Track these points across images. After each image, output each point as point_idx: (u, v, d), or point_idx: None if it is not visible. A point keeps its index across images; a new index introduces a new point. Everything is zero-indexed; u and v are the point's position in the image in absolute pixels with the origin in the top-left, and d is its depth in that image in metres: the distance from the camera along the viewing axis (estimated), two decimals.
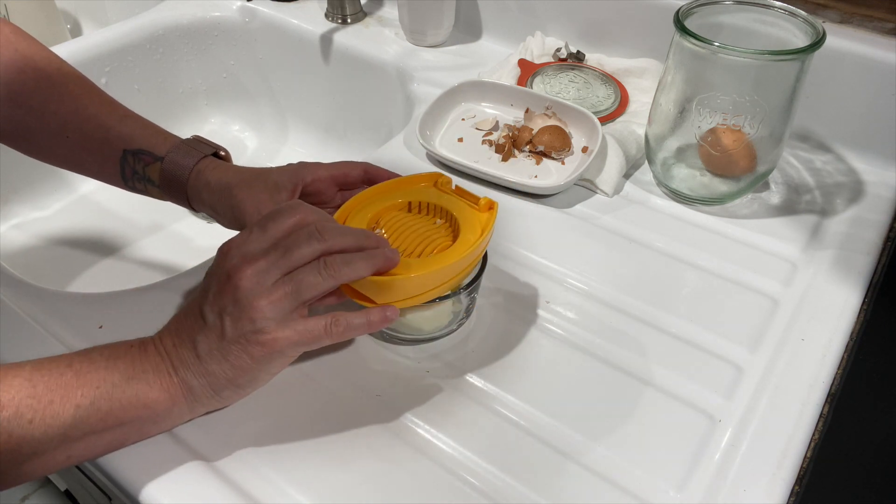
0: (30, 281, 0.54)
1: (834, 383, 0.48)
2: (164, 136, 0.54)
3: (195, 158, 0.52)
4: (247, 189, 0.51)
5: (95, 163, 0.54)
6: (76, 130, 0.52)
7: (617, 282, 0.55)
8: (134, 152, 0.53)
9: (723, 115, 0.57)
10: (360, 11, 0.92)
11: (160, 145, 0.53)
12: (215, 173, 0.52)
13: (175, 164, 0.52)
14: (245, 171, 0.52)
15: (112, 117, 0.53)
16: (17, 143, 0.55)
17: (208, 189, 0.52)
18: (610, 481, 0.42)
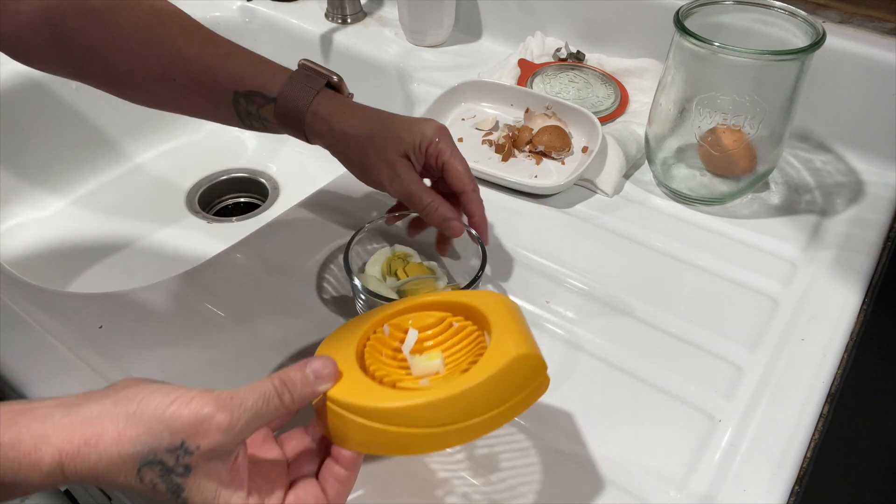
0: (30, 281, 0.54)
1: (834, 383, 0.48)
2: (273, 72, 0.50)
3: (309, 96, 0.50)
4: (374, 147, 0.49)
5: (208, 105, 0.52)
6: (182, 73, 0.49)
7: (617, 282, 0.55)
8: (245, 94, 0.50)
9: (723, 115, 0.57)
10: (360, 11, 0.92)
11: (270, 83, 0.50)
12: (335, 118, 0.50)
13: (289, 105, 0.50)
14: (369, 121, 0.50)
15: (216, 56, 0.50)
16: (122, 90, 0.52)
17: (331, 135, 0.50)
18: (610, 481, 0.42)
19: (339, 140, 0.50)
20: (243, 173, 0.93)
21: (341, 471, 0.36)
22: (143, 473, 0.33)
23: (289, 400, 0.35)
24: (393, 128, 0.49)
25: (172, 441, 0.33)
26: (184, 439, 0.33)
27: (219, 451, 0.33)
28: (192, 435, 0.33)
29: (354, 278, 0.46)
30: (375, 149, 0.49)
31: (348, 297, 0.53)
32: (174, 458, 0.33)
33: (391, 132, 0.49)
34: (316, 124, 0.50)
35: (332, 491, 0.36)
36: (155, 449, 0.33)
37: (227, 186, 0.92)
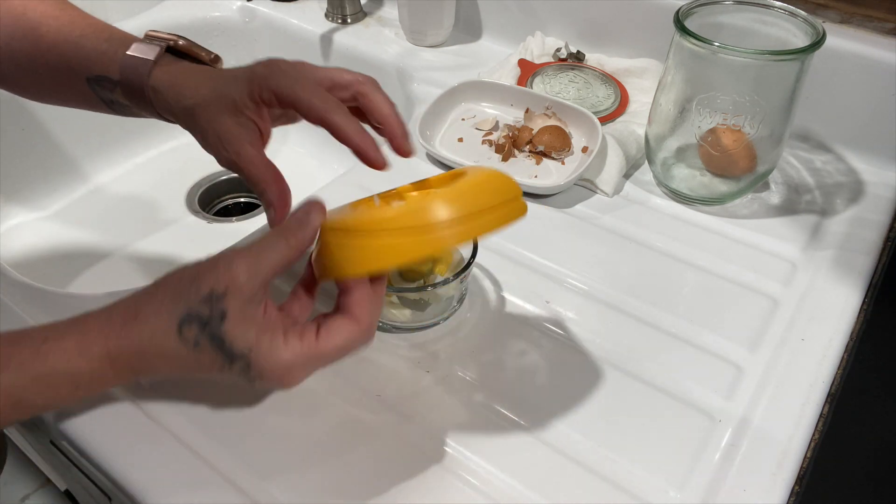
0: (30, 281, 0.54)
1: (834, 383, 0.48)
2: (115, 49, 0.45)
3: (146, 69, 0.44)
4: (205, 114, 0.43)
5: (74, 95, 0.48)
6: (43, 64, 0.47)
7: (617, 282, 0.55)
8: (96, 80, 0.46)
9: (723, 115, 0.57)
10: (360, 11, 0.92)
11: (112, 63, 0.45)
12: (173, 90, 0.44)
13: (131, 84, 0.45)
14: (200, 87, 0.43)
15: (69, 42, 0.46)
16: (6, 86, 0.51)
17: (172, 112, 0.45)
18: (610, 481, 0.42)
19: (180, 115, 0.45)
20: None
21: (356, 295, 0.38)
22: (185, 333, 0.35)
23: (293, 241, 0.37)
24: (220, 85, 0.43)
25: (200, 291, 0.35)
26: (211, 286, 0.35)
27: (246, 291, 0.35)
28: (217, 282, 0.36)
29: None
30: (201, 119, 0.43)
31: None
32: (208, 307, 0.35)
33: (218, 90, 0.42)
34: (159, 101, 0.45)
35: (359, 312, 0.37)
36: (188, 303, 0.35)
37: (227, 186, 0.92)
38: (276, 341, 0.36)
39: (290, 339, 0.36)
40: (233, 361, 0.36)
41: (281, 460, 0.42)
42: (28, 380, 0.35)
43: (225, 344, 0.35)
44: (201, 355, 0.36)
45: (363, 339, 0.38)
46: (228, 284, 0.35)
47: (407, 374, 0.47)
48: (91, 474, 0.45)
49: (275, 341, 0.36)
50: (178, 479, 0.41)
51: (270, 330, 0.36)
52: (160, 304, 0.36)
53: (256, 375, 0.36)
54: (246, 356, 0.35)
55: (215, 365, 0.36)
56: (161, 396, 0.45)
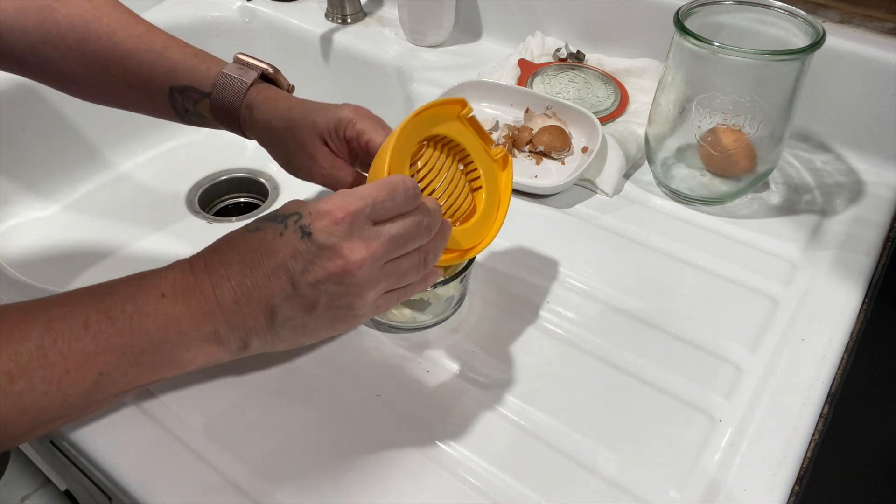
0: (30, 281, 0.54)
1: (834, 383, 0.48)
2: (208, 66, 0.50)
3: (242, 90, 0.49)
4: (296, 135, 0.48)
5: (146, 100, 0.51)
6: (119, 69, 0.49)
7: (617, 282, 0.55)
8: (180, 89, 0.50)
9: (723, 115, 0.57)
10: (360, 11, 0.92)
11: (204, 78, 0.50)
12: (262, 110, 0.50)
13: (223, 100, 0.49)
14: (289, 111, 0.49)
15: (152, 51, 0.49)
16: (64, 86, 0.52)
17: (258, 128, 0.50)
18: (610, 481, 0.42)
19: (263, 132, 0.50)
20: (243, 173, 0.93)
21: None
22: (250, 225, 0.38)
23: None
24: (309, 115, 0.48)
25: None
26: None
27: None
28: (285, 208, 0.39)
29: None
30: (293, 138, 0.48)
31: None
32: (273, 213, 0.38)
33: (307, 119, 0.48)
34: (248, 118, 0.50)
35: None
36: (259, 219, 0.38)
37: (227, 186, 0.92)
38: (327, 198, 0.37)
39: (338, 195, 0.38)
40: (286, 220, 0.36)
41: (281, 460, 0.42)
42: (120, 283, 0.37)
43: (280, 213, 0.37)
44: (263, 231, 0.37)
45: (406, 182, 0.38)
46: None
47: (407, 374, 0.47)
48: (91, 474, 0.45)
49: (325, 199, 0.37)
50: (178, 479, 0.41)
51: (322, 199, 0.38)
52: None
53: (309, 219, 0.36)
54: (298, 211, 0.37)
55: (275, 232, 0.36)
56: (161, 396, 0.45)
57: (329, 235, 0.35)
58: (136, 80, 0.50)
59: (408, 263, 0.39)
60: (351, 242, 0.36)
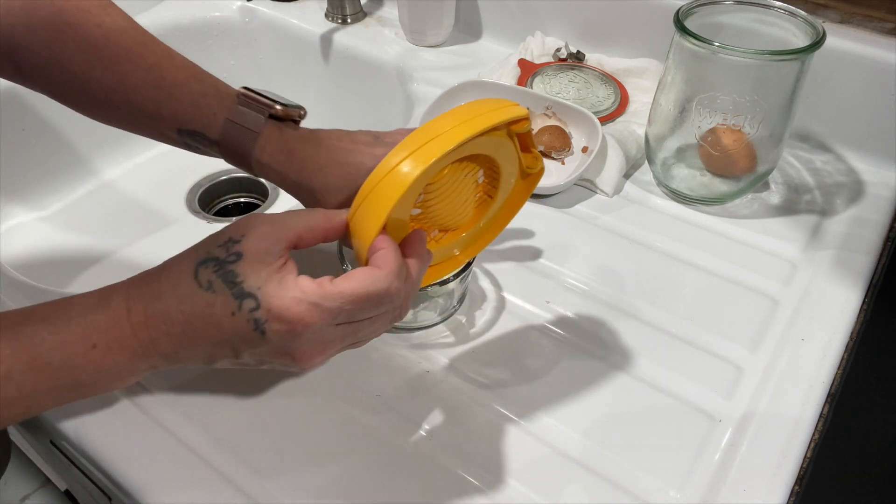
0: (30, 281, 0.54)
1: (834, 383, 0.48)
2: (214, 111, 0.46)
3: (252, 142, 0.46)
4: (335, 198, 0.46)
5: (155, 135, 0.49)
6: (124, 103, 0.47)
7: (617, 282, 0.55)
8: (189, 133, 0.47)
9: (723, 115, 0.57)
10: (360, 11, 0.92)
11: (212, 124, 0.46)
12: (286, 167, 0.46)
13: (233, 151, 0.47)
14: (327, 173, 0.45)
15: (160, 90, 0.46)
16: (70, 104, 0.50)
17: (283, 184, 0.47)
18: (610, 481, 0.42)
19: (295, 189, 0.47)
20: (243, 173, 0.93)
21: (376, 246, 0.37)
22: (200, 275, 0.35)
23: (333, 215, 0.38)
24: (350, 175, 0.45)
25: (220, 237, 0.37)
26: (230, 234, 0.36)
27: (264, 239, 0.36)
28: (237, 229, 0.36)
29: (346, 264, 0.47)
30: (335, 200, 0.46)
31: None
32: (224, 250, 0.36)
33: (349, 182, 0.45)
34: (263, 173, 0.47)
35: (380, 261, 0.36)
36: (208, 248, 0.36)
37: (227, 186, 0.92)
38: (287, 280, 0.35)
39: (302, 280, 0.35)
40: (242, 301, 0.34)
41: (281, 460, 0.42)
42: (46, 331, 0.35)
43: (236, 282, 0.35)
44: (214, 297, 0.35)
45: (386, 286, 0.35)
46: (246, 231, 0.36)
47: (407, 374, 0.47)
48: (91, 474, 0.45)
49: (286, 280, 0.35)
50: (178, 479, 0.41)
51: (284, 273, 0.35)
52: (182, 255, 0.37)
53: (265, 318, 0.34)
54: (255, 294, 0.34)
55: (227, 309, 0.34)
56: (161, 396, 0.45)
57: (283, 341, 0.35)
58: (143, 116, 0.48)
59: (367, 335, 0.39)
60: (304, 347, 0.35)
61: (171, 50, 0.48)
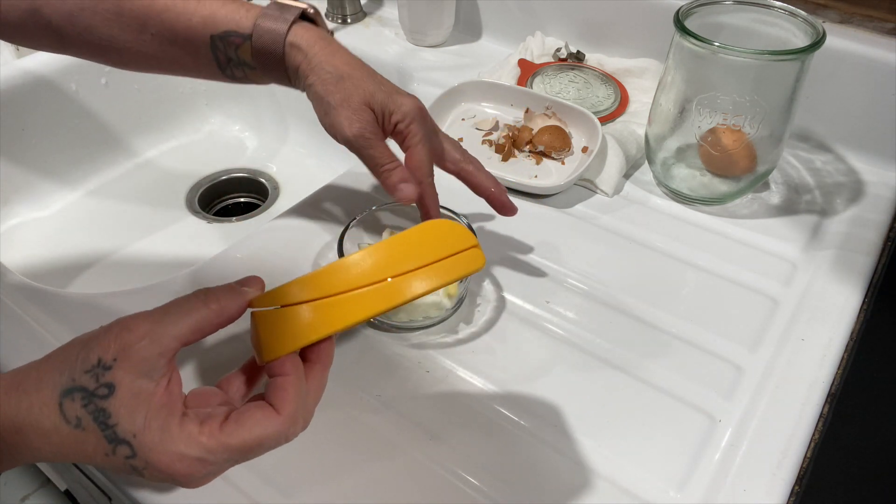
0: (30, 281, 0.54)
1: (834, 383, 0.48)
2: (247, 8, 0.48)
3: (284, 27, 0.47)
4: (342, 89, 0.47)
5: (187, 56, 0.50)
6: (157, 25, 0.48)
7: (617, 282, 0.55)
8: (221, 36, 0.48)
9: (723, 115, 0.57)
10: (360, 11, 0.92)
11: (244, 20, 0.47)
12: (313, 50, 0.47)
13: (265, 39, 0.47)
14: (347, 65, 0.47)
15: (189, 1, 0.47)
16: (105, 55, 0.51)
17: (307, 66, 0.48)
18: (610, 481, 0.42)
19: (312, 72, 0.47)
20: (243, 173, 0.93)
21: (279, 380, 0.33)
22: (66, 408, 0.30)
23: (214, 305, 0.33)
24: (370, 81, 0.47)
25: (87, 358, 0.30)
26: (99, 355, 0.30)
27: (140, 361, 0.30)
28: (106, 349, 0.30)
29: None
30: (343, 91, 0.47)
31: None
32: (94, 378, 0.30)
33: (366, 83, 0.47)
34: (293, 56, 0.48)
35: (280, 400, 0.32)
36: (72, 374, 0.30)
37: (227, 186, 0.92)
38: (170, 426, 0.31)
39: (187, 425, 0.31)
40: (116, 446, 0.30)
41: (280, 460, 0.42)
42: None
43: (109, 424, 0.30)
44: (84, 435, 0.30)
45: (281, 432, 0.32)
46: (119, 353, 0.30)
47: (407, 374, 0.47)
48: (91, 474, 0.45)
49: (168, 427, 0.31)
50: None
51: (166, 413, 0.31)
52: (45, 374, 0.31)
53: (143, 466, 0.31)
54: (130, 442, 0.30)
55: (99, 449, 0.31)
56: None
57: (162, 481, 0.32)
58: (176, 34, 0.48)
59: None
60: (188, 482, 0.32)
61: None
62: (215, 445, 0.31)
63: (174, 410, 0.31)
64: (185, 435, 0.31)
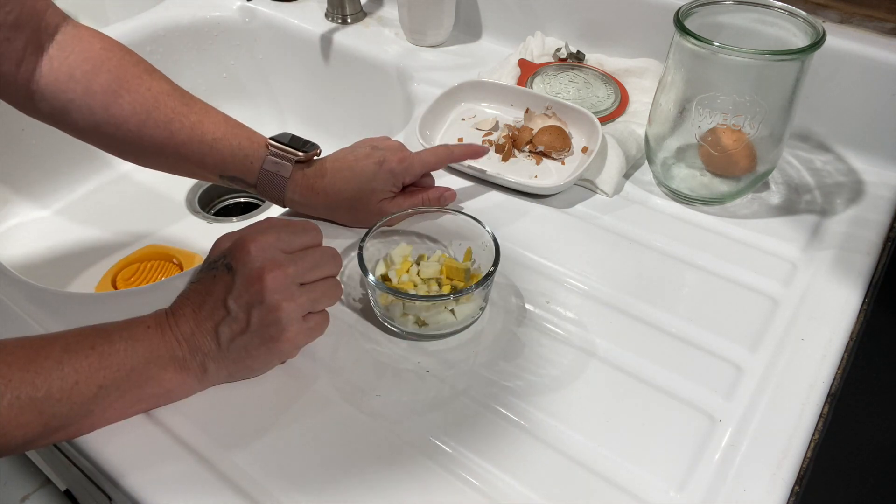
0: (30, 281, 0.54)
1: (834, 383, 0.48)
2: (251, 161, 0.56)
3: (283, 187, 0.56)
4: (358, 211, 0.57)
5: (198, 177, 0.58)
6: (173, 154, 0.55)
7: (617, 282, 0.55)
8: (230, 178, 0.57)
9: (723, 115, 0.57)
10: (360, 11, 0.92)
11: (249, 172, 0.56)
12: (312, 201, 0.57)
13: (268, 194, 0.57)
14: (340, 195, 0.56)
15: (203, 144, 0.55)
16: (121, 155, 0.58)
17: (315, 213, 0.58)
18: (610, 481, 0.42)
19: (323, 215, 0.59)
20: None
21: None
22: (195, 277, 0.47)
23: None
24: (365, 188, 0.56)
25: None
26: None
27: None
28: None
29: (370, 275, 0.48)
30: (360, 211, 0.57)
31: (347, 295, 0.53)
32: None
33: (365, 193, 0.56)
34: (296, 208, 0.58)
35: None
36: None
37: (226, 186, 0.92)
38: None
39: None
40: (216, 262, 0.44)
41: (281, 460, 0.42)
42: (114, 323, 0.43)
43: (211, 259, 0.46)
44: (202, 278, 0.45)
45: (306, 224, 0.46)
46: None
47: (407, 375, 0.47)
48: (91, 474, 0.45)
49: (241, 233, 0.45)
50: (178, 479, 0.41)
51: None
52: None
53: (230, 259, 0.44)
54: (223, 253, 0.45)
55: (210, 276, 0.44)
56: None
57: (244, 265, 0.43)
58: (189, 164, 0.56)
59: (323, 287, 0.45)
60: (263, 265, 0.43)
61: (207, 105, 0.57)
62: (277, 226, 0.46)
63: None
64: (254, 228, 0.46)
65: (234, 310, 0.43)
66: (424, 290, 0.51)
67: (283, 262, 0.43)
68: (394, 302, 0.49)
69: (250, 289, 0.42)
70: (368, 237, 0.51)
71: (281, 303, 0.42)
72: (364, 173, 0.56)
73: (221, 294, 0.43)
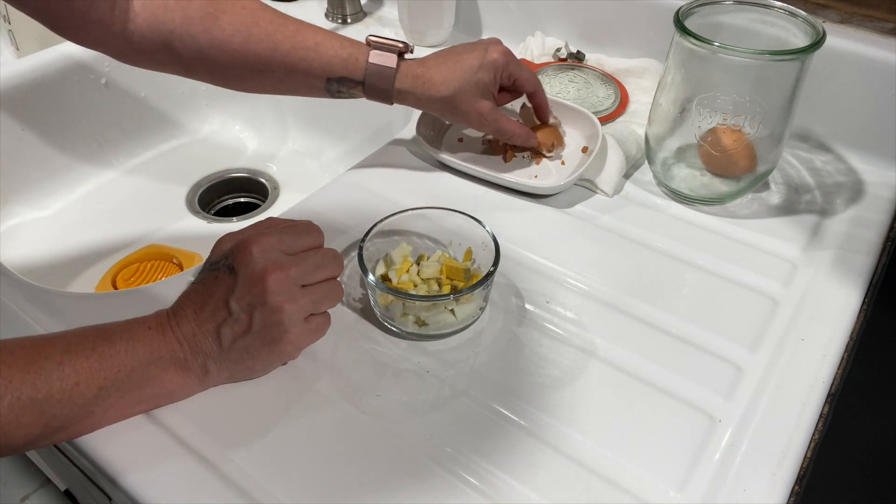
0: (30, 281, 0.54)
1: (834, 383, 0.48)
2: (356, 57, 0.57)
3: (391, 77, 0.57)
4: (463, 100, 0.59)
5: (303, 88, 0.59)
6: (279, 66, 0.56)
7: (617, 282, 0.55)
8: (337, 80, 0.57)
9: (723, 115, 0.57)
10: (360, 11, 0.92)
11: (356, 69, 0.57)
12: (419, 90, 0.59)
13: (376, 87, 0.58)
14: (446, 84, 0.59)
15: (307, 48, 0.56)
16: (225, 83, 0.58)
17: (419, 103, 0.61)
18: (610, 481, 0.42)
19: (427, 105, 0.61)
20: (243, 173, 0.93)
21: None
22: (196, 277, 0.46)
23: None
24: (470, 80, 0.59)
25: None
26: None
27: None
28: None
29: (370, 275, 0.48)
30: (462, 104, 0.60)
31: (347, 295, 0.53)
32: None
33: (470, 85, 0.59)
34: (402, 98, 0.60)
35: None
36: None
37: (227, 186, 0.92)
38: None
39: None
40: (218, 263, 0.44)
41: (281, 460, 0.42)
42: (115, 323, 0.43)
43: (212, 260, 0.45)
44: (203, 278, 0.44)
45: (309, 225, 0.46)
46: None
47: (407, 374, 0.47)
48: (91, 474, 0.45)
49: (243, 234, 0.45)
50: (178, 478, 0.41)
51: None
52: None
53: (231, 260, 0.43)
54: (224, 254, 0.44)
55: (213, 276, 0.44)
56: None
57: (246, 266, 0.43)
58: (296, 74, 0.56)
59: (324, 288, 0.45)
60: (266, 267, 0.42)
61: (303, 21, 0.57)
62: (279, 226, 0.46)
63: None
64: (254, 229, 0.47)
65: (236, 311, 0.42)
66: (424, 290, 0.51)
67: (286, 264, 0.43)
68: (394, 302, 0.49)
69: (252, 290, 0.42)
70: (368, 237, 0.51)
71: (283, 304, 0.42)
72: (469, 63, 0.59)
73: (223, 295, 0.43)
